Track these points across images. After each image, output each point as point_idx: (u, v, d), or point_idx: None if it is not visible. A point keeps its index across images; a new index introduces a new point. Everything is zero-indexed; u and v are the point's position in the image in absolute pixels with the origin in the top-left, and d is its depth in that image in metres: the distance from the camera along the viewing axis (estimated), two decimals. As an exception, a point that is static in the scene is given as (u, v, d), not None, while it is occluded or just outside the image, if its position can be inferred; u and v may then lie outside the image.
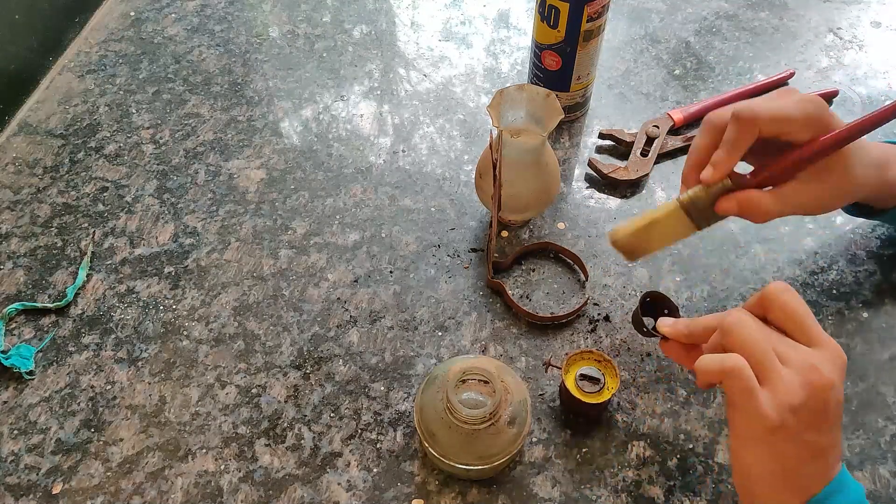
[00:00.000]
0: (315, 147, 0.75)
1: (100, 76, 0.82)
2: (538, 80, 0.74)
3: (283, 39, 0.86)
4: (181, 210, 0.69)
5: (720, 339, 0.44)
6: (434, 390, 0.49)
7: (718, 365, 0.41)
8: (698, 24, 0.86)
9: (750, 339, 0.42)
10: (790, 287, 0.43)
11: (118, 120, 0.77)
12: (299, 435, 0.55)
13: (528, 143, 0.58)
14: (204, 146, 0.75)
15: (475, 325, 0.61)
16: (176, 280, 0.64)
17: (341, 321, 0.61)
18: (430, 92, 0.80)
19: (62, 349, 0.60)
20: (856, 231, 0.66)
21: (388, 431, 0.55)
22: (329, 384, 0.58)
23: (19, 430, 0.56)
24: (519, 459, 0.53)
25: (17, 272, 0.65)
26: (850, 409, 0.55)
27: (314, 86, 0.81)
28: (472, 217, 0.68)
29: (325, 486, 0.53)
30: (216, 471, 0.54)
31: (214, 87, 0.81)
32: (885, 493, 0.51)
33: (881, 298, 0.62)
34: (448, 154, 0.74)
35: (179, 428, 0.56)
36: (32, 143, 0.75)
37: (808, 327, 0.42)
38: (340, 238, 0.67)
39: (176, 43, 0.86)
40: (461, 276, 0.64)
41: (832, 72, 0.80)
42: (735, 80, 0.80)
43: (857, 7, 0.87)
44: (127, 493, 0.53)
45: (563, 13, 0.66)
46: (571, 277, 0.64)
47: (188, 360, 0.59)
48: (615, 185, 0.70)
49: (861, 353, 0.58)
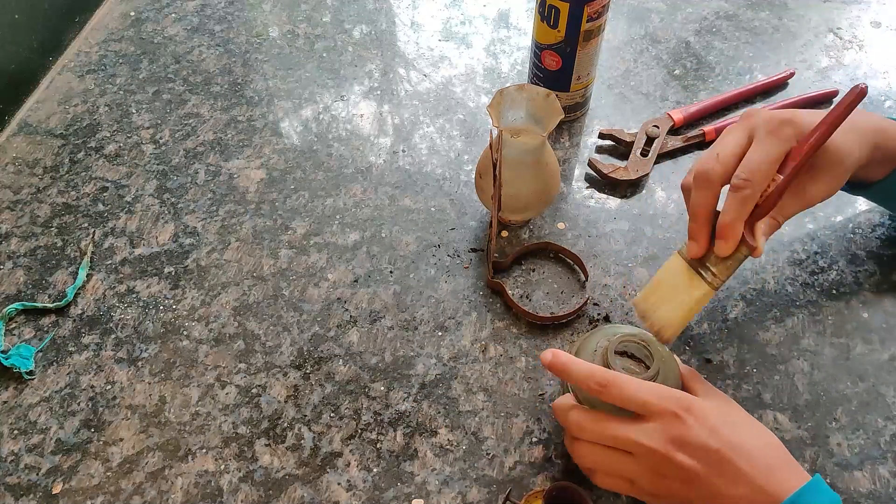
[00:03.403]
0: (315, 147, 0.75)
1: (100, 76, 0.82)
2: (538, 80, 0.74)
3: (283, 39, 0.86)
4: (181, 210, 0.69)
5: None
6: (587, 356, 0.50)
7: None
8: (698, 24, 0.86)
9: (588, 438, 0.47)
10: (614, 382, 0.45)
11: (118, 120, 0.77)
12: (299, 435, 0.55)
13: (528, 143, 0.58)
14: (204, 146, 0.75)
15: (475, 325, 0.61)
16: (176, 280, 0.64)
17: (341, 321, 0.61)
18: (430, 92, 0.80)
19: (62, 349, 0.60)
20: (856, 231, 0.66)
21: (388, 431, 0.55)
22: (329, 384, 0.58)
23: (19, 430, 0.56)
24: (519, 459, 0.54)
25: (17, 272, 0.65)
26: (850, 409, 0.55)
27: (314, 86, 0.81)
28: (472, 217, 0.68)
29: (325, 486, 0.53)
30: (216, 471, 0.54)
31: (214, 87, 0.81)
32: (885, 493, 0.51)
33: (881, 298, 0.62)
34: (448, 154, 0.74)
35: (179, 428, 0.56)
36: (32, 143, 0.75)
37: (641, 405, 0.44)
38: (340, 238, 0.67)
39: (176, 43, 0.86)
40: (461, 276, 0.64)
41: (832, 72, 0.80)
42: (735, 80, 0.80)
43: (857, 7, 0.87)
44: (127, 493, 0.53)
45: (563, 13, 0.66)
46: (571, 277, 0.64)
47: (188, 360, 0.59)
48: (615, 185, 0.70)
49: (861, 353, 0.58)
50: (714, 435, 0.43)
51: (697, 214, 0.49)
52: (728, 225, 0.47)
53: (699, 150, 0.73)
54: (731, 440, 0.43)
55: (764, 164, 0.47)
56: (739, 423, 0.46)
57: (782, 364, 0.58)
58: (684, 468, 0.43)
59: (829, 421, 0.55)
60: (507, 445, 0.54)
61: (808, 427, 0.55)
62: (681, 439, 0.43)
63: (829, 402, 0.56)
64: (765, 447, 0.44)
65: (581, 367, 0.47)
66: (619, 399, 0.45)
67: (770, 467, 0.43)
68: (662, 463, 0.43)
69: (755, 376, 0.57)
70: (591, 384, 0.45)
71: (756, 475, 0.42)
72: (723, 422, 0.44)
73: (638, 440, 0.44)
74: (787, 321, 0.60)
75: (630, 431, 0.44)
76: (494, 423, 0.55)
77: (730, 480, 0.42)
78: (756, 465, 0.42)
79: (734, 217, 0.47)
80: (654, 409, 0.44)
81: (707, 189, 0.48)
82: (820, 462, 0.53)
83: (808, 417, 0.55)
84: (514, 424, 0.55)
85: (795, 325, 0.60)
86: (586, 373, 0.46)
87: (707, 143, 0.73)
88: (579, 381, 0.47)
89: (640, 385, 0.45)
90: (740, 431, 0.44)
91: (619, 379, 0.45)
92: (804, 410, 0.55)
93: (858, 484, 0.52)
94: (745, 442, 0.43)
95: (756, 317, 0.61)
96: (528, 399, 0.57)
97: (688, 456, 0.43)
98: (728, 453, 0.42)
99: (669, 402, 0.44)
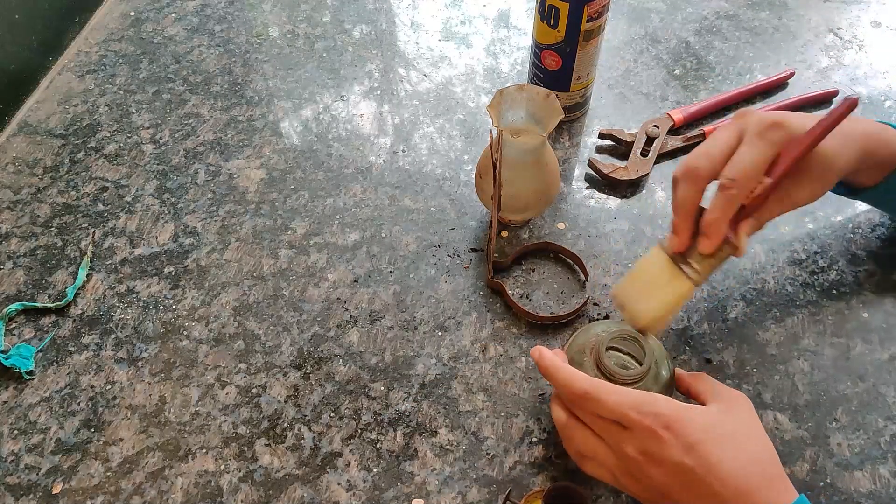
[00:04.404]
0: (315, 147, 0.75)
1: (100, 76, 0.82)
2: (538, 80, 0.74)
3: (283, 39, 0.86)
4: (181, 210, 0.69)
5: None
6: (577, 353, 0.50)
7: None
8: (698, 24, 0.86)
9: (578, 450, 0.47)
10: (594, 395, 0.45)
11: (118, 120, 0.77)
12: (299, 435, 0.55)
13: (528, 143, 0.58)
14: (204, 146, 0.75)
15: (475, 325, 0.61)
16: (176, 280, 0.64)
17: (341, 321, 0.61)
18: (430, 92, 0.80)
19: (62, 349, 0.60)
20: (856, 231, 0.66)
21: (388, 431, 0.55)
22: (329, 384, 0.58)
23: (19, 430, 0.56)
24: (519, 459, 0.54)
25: (17, 272, 0.65)
26: (850, 409, 0.55)
27: (314, 86, 0.81)
28: (472, 217, 0.68)
29: (325, 486, 0.53)
30: (216, 471, 0.54)
31: (214, 87, 0.81)
32: (885, 493, 0.51)
33: (881, 298, 0.62)
34: (448, 154, 0.74)
35: (179, 428, 0.56)
36: (32, 143, 0.75)
37: (620, 417, 0.44)
38: (340, 238, 0.67)
39: (176, 43, 0.86)
40: (461, 276, 0.64)
41: (832, 72, 0.80)
42: (735, 79, 0.80)
43: (857, 7, 0.87)
44: (127, 493, 0.53)
45: (563, 13, 0.66)
46: (571, 277, 0.64)
47: (188, 360, 0.59)
48: (615, 185, 0.70)
49: (861, 353, 0.58)
50: (690, 452, 0.42)
51: (682, 209, 0.49)
52: (712, 223, 0.47)
53: (699, 150, 0.73)
54: (709, 459, 0.42)
55: (751, 166, 0.47)
56: (727, 436, 0.43)
57: (782, 364, 0.58)
58: (657, 481, 0.43)
59: (829, 421, 0.55)
60: (507, 445, 0.54)
61: (808, 427, 0.55)
62: (654, 455, 0.43)
63: (829, 402, 0.56)
64: (749, 466, 0.42)
65: (562, 373, 0.46)
66: (598, 411, 0.44)
67: (749, 490, 0.41)
68: (636, 469, 0.44)
69: (755, 376, 0.57)
70: (570, 393, 0.45)
71: (731, 497, 0.41)
72: (705, 438, 0.42)
73: (617, 443, 0.44)
74: (787, 321, 0.60)
75: (612, 431, 0.45)
76: (494, 423, 0.55)
77: (704, 500, 0.42)
78: (732, 488, 0.41)
79: (719, 216, 0.47)
80: (632, 423, 0.43)
81: (693, 184, 0.48)
82: (820, 462, 0.53)
83: (808, 417, 0.55)
84: (514, 424, 0.55)
85: (795, 325, 0.60)
86: (567, 380, 0.46)
87: (707, 143, 0.73)
88: (559, 388, 0.47)
89: (621, 397, 0.44)
90: (723, 448, 0.42)
91: (598, 391, 0.44)
92: (804, 410, 0.55)
93: (858, 484, 0.52)
94: (724, 462, 0.42)
95: (756, 317, 0.61)
96: (528, 399, 0.57)
97: (661, 471, 0.43)
98: (701, 473, 0.41)
99: (648, 417, 0.43)
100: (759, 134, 0.47)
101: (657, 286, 0.50)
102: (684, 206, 0.49)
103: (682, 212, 0.49)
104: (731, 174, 0.47)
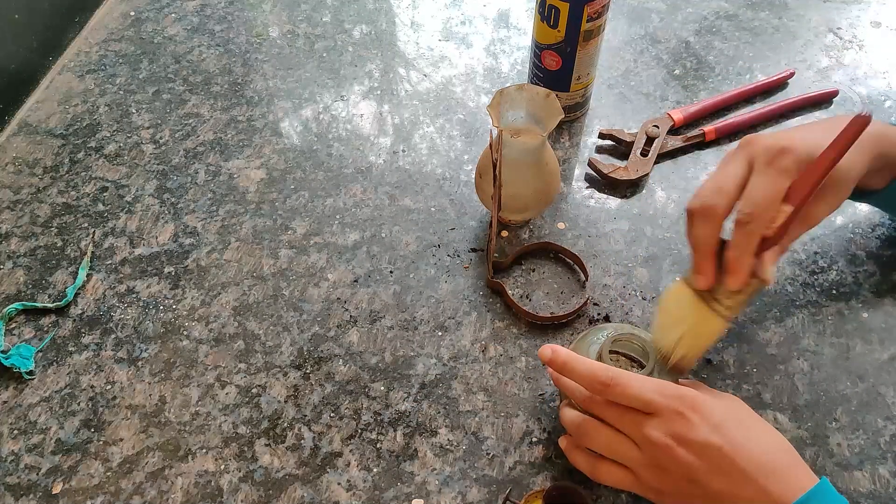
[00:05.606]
0: (315, 147, 0.75)
1: (100, 76, 0.82)
2: (538, 80, 0.74)
3: (283, 39, 0.86)
4: (181, 210, 0.69)
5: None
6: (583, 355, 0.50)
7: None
8: (698, 24, 0.86)
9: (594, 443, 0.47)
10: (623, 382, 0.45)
11: (118, 120, 0.77)
12: (299, 435, 0.55)
13: (528, 143, 0.58)
14: (204, 146, 0.75)
15: (475, 325, 0.61)
16: (176, 280, 0.64)
17: (341, 321, 0.61)
18: (430, 92, 0.80)
19: (62, 349, 0.60)
20: (856, 231, 0.66)
21: (388, 431, 0.55)
22: (329, 384, 0.58)
23: (19, 430, 0.56)
24: (519, 459, 0.54)
25: (17, 272, 0.65)
26: (850, 409, 0.55)
27: (314, 86, 0.81)
28: (472, 217, 0.68)
29: (325, 486, 0.53)
30: (216, 471, 0.54)
31: (214, 87, 0.81)
32: (885, 493, 0.51)
33: (881, 298, 0.62)
34: (448, 154, 0.74)
35: (179, 428, 0.56)
36: (32, 143, 0.75)
37: (646, 404, 0.44)
38: (340, 238, 0.67)
39: (176, 43, 0.86)
40: (461, 276, 0.64)
41: (832, 72, 0.80)
42: (735, 79, 0.80)
43: (857, 7, 0.87)
44: (127, 493, 0.53)
45: (563, 13, 0.66)
46: (571, 277, 0.64)
47: (188, 360, 0.59)
48: (615, 185, 0.70)
49: (861, 353, 0.58)
50: (717, 431, 0.43)
51: (702, 248, 0.48)
52: (736, 260, 0.47)
53: (699, 150, 0.73)
54: (735, 438, 0.43)
55: (767, 198, 0.46)
56: (747, 421, 0.45)
57: (782, 364, 0.58)
58: (685, 464, 0.43)
59: (829, 421, 0.55)
60: (507, 445, 0.54)
61: (808, 427, 0.55)
62: (683, 437, 0.43)
63: (829, 402, 0.56)
64: (771, 448, 0.44)
65: (583, 364, 0.46)
66: (622, 398, 0.45)
67: (774, 469, 0.42)
68: (664, 457, 0.43)
69: (755, 376, 0.57)
70: (595, 383, 0.45)
71: (758, 476, 0.42)
72: (729, 418, 0.44)
73: (641, 430, 0.44)
74: (787, 321, 0.60)
75: (636, 419, 0.44)
76: (494, 423, 0.55)
77: (731, 480, 0.42)
78: (759, 466, 0.42)
79: (742, 252, 0.46)
80: (658, 407, 0.44)
81: (710, 222, 0.47)
82: (820, 462, 0.53)
83: (808, 417, 0.55)
84: (514, 424, 0.55)
85: (795, 325, 0.60)
86: (589, 370, 0.46)
87: (707, 144, 0.73)
88: (581, 380, 0.46)
89: (644, 383, 0.45)
90: (747, 430, 0.44)
91: (622, 377, 0.45)
92: (804, 410, 0.55)
93: (858, 484, 0.52)
94: (749, 441, 0.43)
95: (756, 317, 0.61)
96: (528, 399, 0.57)
97: (689, 452, 0.43)
98: (730, 451, 0.42)
99: (674, 400, 0.44)
100: (768, 162, 0.47)
101: (688, 325, 0.49)
102: (705, 245, 0.48)
103: (703, 250, 0.48)
104: (748, 209, 0.46)
